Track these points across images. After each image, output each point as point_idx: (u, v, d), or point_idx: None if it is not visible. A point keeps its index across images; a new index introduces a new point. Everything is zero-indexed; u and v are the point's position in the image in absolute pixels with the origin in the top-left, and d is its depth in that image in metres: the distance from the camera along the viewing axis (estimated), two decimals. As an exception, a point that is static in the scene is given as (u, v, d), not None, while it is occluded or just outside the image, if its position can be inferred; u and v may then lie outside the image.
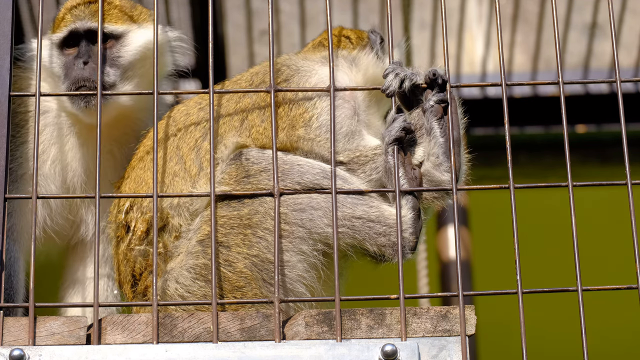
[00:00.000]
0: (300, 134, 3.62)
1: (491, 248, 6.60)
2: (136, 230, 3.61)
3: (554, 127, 6.86)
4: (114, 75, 3.91)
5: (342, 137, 3.64)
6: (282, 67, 3.78)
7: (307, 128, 3.63)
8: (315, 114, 3.64)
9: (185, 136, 3.70)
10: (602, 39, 6.87)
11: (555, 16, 3.41)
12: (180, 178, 3.63)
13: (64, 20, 4.01)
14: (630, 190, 3.25)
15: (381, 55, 3.88)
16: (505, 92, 3.33)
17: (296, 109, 3.65)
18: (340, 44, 3.91)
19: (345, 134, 3.65)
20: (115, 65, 3.94)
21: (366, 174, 3.59)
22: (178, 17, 6.58)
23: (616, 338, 7.48)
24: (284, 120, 3.64)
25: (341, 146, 3.62)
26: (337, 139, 3.61)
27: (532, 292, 3.13)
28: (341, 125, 3.66)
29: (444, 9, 3.41)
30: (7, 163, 3.23)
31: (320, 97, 3.66)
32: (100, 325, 3.10)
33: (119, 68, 3.94)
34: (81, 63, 3.89)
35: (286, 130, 3.63)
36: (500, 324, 5.62)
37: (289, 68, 3.78)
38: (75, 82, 3.87)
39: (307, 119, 3.64)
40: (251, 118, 3.67)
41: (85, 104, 3.87)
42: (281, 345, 3.06)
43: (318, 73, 3.77)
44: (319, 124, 3.63)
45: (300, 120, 3.64)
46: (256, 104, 3.69)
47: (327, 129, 3.61)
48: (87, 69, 3.88)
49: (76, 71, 3.88)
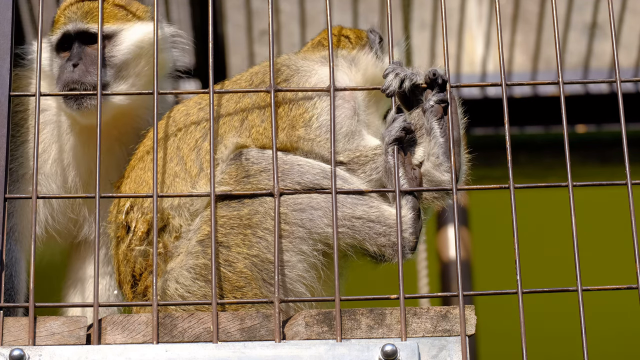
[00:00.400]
0: (301, 134, 3.62)
1: (491, 248, 6.60)
2: (137, 230, 3.61)
3: (554, 127, 6.86)
4: (107, 75, 3.91)
5: (342, 137, 3.64)
6: (281, 67, 3.77)
7: (307, 128, 3.63)
8: (315, 114, 3.64)
9: (186, 136, 3.70)
10: (602, 39, 6.87)
11: (555, 16, 3.41)
12: (181, 179, 3.63)
13: (58, 22, 4.02)
14: (630, 190, 3.24)
15: (380, 54, 3.89)
16: (505, 92, 3.33)
17: (296, 109, 3.65)
18: (339, 44, 3.91)
19: (345, 134, 3.65)
20: (108, 65, 3.94)
21: (366, 174, 3.59)
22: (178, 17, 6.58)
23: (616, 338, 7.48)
24: (284, 120, 3.64)
25: (341, 146, 3.62)
26: (337, 139, 3.61)
27: (532, 292, 3.13)
28: (341, 125, 3.66)
29: (444, 9, 3.41)
30: (7, 163, 3.23)
31: (320, 97, 3.66)
32: (100, 325, 3.10)
33: (112, 68, 3.94)
34: (71, 66, 3.90)
35: (286, 131, 3.63)
36: (500, 324, 5.62)
37: (289, 68, 3.78)
38: (65, 85, 3.87)
39: (307, 119, 3.64)
40: (251, 118, 3.67)
41: (77, 106, 3.88)
42: (281, 345, 3.06)
43: (318, 73, 3.77)
44: (319, 124, 3.63)
45: (300, 120, 3.64)
46: (256, 104, 3.69)
47: (327, 129, 3.61)
48: (76, 71, 3.88)
49: (66, 74, 3.88)
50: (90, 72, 3.87)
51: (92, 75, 3.86)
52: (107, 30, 3.96)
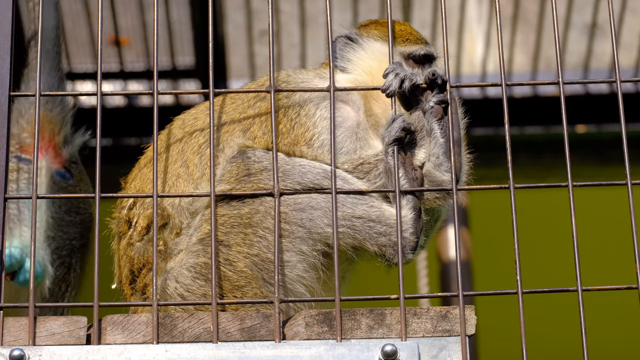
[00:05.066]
0: (303, 151, 3.61)
1: (491, 248, 6.61)
2: (137, 225, 3.62)
3: (554, 127, 6.86)
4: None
5: (344, 155, 3.62)
6: (282, 84, 3.74)
7: (309, 147, 3.63)
8: (316, 133, 3.64)
9: (190, 140, 3.71)
10: (602, 39, 6.87)
11: (555, 16, 3.41)
12: (183, 180, 3.64)
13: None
14: (630, 190, 3.24)
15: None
16: (505, 92, 3.32)
17: (298, 128, 3.64)
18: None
19: (346, 152, 3.64)
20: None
21: (371, 182, 3.58)
22: (178, 17, 6.59)
23: (616, 338, 7.48)
24: (285, 137, 3.64)
25: (343, 159, 3.60)
26: (338, 156, 3.59)
27: (532, 292, 3.13)
28: (342, 145, 3.64)
29: (444, 9, 3.41)
30: (7, 163, 3.23)
31: (322, 117, 3.65)
32: (100, 325, 3.10)
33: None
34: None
35: (288, 147, 3.63)
36: (500, 324, 5.63)
37: (287, 85, 3.75)
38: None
39: (308, 138, 3.64)
40: (253, 129, 3.67)
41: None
42: (281, 345, 3.06)
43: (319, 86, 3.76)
44: (320, 142, 3.63)
45: (302, 139, 3.63)
46: (259, 118, 3.68)
47: (328, 148, 3.60)
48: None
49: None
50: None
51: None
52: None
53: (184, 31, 6.64)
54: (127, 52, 6.74)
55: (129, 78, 6.78)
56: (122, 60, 6.71)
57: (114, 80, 6.77)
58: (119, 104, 6.79)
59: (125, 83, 6.80)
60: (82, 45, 6.70)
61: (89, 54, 6.71)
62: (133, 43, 6.74)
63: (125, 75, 6.76)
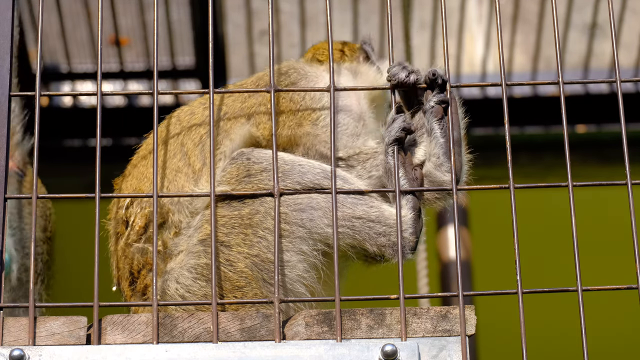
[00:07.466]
0: (307, 130, 3.63)
1: (491, 248, 6.60)
2: (134, 225, 3.62)
3: (554, 127, 6.87)
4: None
5: (347, 137, 3.64)
6: (289, 70, 3.79)
7: (314, 126, 3.64)
8: (323, 114, 3.66)
9: (190, 133, 3.71)
10: (602, 39, 6.88)
11: (555, 16, 3.41)
12: (184, 174, 3.64)
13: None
14: (630, 190, 3.24)
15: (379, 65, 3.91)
16: (505, 92, 3.32)
17: (304, 108, 3.66)
18: (341, 58, 3.93)
19: (350, 134, 3.66)
20: None
21: (366, 170, 3.59)
22: (178, 17, 6.59)
23: (616, 338, 7.48)
24: (290, 117, 3.65)
25: (343, 143, 3.62)
26: (341, 138, 3.63)
27: (532, 292, 3.13)
28: (347, 126, 3.66)
29: (444, 9, 3.41)
30: (7, 163, 3.23)
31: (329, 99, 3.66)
32: (100, 325, 3.10)
33: None
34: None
35: (292, 128, 3.64)
36: (500, 324, 5.62)
37: (297, 72, 3.79)
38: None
39: (314, 118, 3.66)
40: (257, 116, 3.67)
41: None
42: (281, 345, 3.06)
43: (325, 78, 3.77)
44: (325, 122, 3.65)
45: (307, 118, 3.65)
46: (262, 103, 3.70)
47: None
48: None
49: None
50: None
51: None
52: None
53: (184, 31, 6.65)
54: (127, 52, 6.75)
55: (129, 78, 6.79)
56: (122, 60, 6.71)
57: (114, 80, 6.78)
58: (119, 104, 6.80)
59: (125, 83, 6.81)
60: (82, 45, 6.71)
61: (89, 54, 6.72)
62: (133, 43, 6.75)
63: (125, 75, 6.77)
